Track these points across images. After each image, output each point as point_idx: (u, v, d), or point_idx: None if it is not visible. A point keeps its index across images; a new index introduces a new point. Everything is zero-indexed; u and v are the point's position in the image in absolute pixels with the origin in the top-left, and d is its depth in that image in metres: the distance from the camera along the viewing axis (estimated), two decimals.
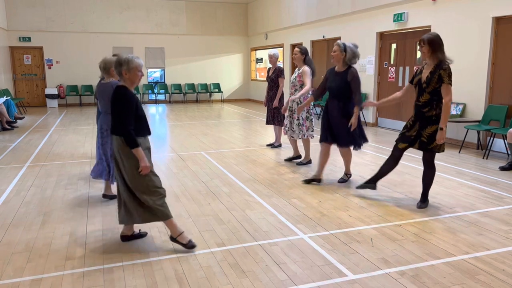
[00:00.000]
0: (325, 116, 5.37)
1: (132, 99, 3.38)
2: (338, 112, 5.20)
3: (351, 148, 5.41)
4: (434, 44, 4.11)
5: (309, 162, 6.54)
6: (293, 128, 6.37)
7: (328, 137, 5.35)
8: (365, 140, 5.35)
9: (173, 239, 3.57)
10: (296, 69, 6.38)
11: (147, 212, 3.47)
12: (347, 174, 5.60)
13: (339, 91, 5.17)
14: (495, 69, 7.38)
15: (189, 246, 3.53)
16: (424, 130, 4.28)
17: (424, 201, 4.55)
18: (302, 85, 6.20)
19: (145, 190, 3.43)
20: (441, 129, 4.15)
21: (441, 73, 4.08)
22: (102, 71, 4.63)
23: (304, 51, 6.23)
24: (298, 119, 6.27)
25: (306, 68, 6.18)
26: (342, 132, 5.22)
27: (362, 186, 4.88)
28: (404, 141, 4.45)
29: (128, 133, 3.32)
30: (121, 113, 3.34)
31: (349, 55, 5.07)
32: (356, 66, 5.31)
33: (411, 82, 4.43)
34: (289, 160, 6.77)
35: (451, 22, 8.11)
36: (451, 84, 4.10)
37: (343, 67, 5.15)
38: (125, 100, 3.36)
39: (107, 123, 4.59)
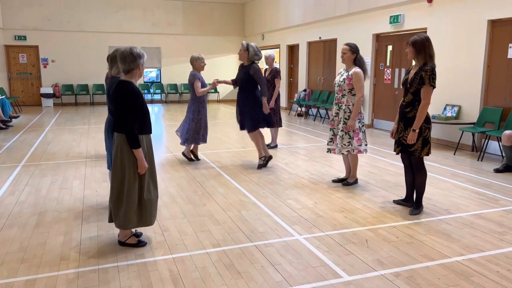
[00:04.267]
0: (236, 106, 6.36)
1: (140, 96, 3.31)
2: (243, 101, 6.22)
3: (257, 131, 6.25)
4: (417, 46, 4.11)
5: (356, 182, 5.50)
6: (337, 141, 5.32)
7: (240, 125, 6.35)
8: (269, 124, 6.37)
9: (121, 243, 3.59)
10: (343, 70, 5.39)
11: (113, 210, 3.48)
12: (261, 157, 6.37)
13: (242, 83, 6.22)
14: (490, 71, 7.42)
15: (140, 245, 3.58)
16: (405, 131, 4.29)
17: (417, 207, 4.43)
18: (351, 90, 5.15)
19: (122, 190, 3.40)
20: (414, 130, 4.13)
21: (422, 75, 4.07)
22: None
23: (354, 49, 5.20)
24: (346, 131, 5.20)
25: (358, 71, 5.13)
26: (246, 118, 6.19)
27: (399, 203, 4.71)
28: (398, 145, 4.43)
29: (132, 133, 3.27)
30: (128, 111, 3.25)
31: (251, 53, 6.12)
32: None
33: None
34: (339, 181, 5.60)
35: (447, 24, 8.15)
36: (433, 86, 4.07)
37: (247, 62, 6.23)
38: (134, 97, 3.26)
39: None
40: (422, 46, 4.10)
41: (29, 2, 15.34)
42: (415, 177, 4.41)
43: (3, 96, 11.45)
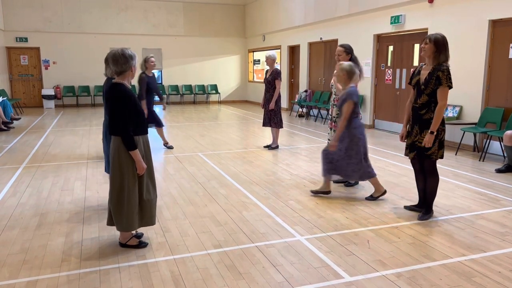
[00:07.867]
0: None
1: (132, 97, 3.30)
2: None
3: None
4: (439, 45, 3.96)
5: (357, 182, 5.48)
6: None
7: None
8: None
9: (122, 244, 3.59)
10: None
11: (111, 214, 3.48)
12: None
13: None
14: (491, 71, 7.41)
15: (142, 246, 3.59)
16: (421, 134, 4.12)
17: (427, 212, 4.26)
18: None
19: (122, 193, 3.39)
20: (432, 133, 3.98)
21: (439, 75, 3.94)
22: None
23: (349, 50, 5.24)
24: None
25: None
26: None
27: (411, 209, 4.53)
28: (411, 150, 4.27)
29: (127, 135, 3.27)
30: (121, 113, 3.25)
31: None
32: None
33: (410, 83, 4.28)
34: (340, 182, 5.52)
35: (448, 24, 8.14)
36: (450, 87, 3.95)
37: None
38: (126, 99, 3.26)
39: None
40: (443, 46, 3.97)
41: (31, 4, 15.37)
42: (427, 182, 4.24)
43: (5, 98, 11.47)
